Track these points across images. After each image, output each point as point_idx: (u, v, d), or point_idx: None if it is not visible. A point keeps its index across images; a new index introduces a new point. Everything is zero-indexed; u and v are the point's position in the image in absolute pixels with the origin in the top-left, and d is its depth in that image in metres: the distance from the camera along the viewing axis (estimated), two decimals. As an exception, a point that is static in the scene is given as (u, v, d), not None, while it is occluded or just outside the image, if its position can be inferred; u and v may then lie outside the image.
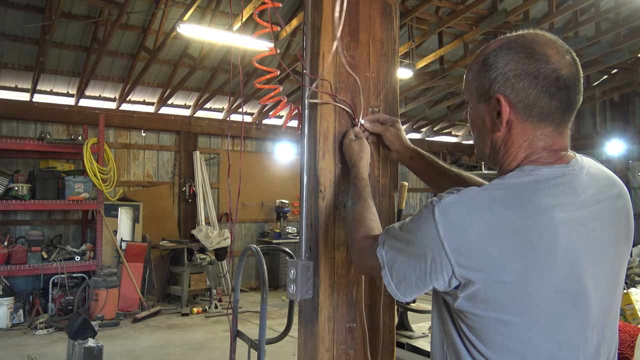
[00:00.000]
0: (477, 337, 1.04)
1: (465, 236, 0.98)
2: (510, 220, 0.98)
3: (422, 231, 1.04)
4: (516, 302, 0.98)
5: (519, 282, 0.97)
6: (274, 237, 9.73)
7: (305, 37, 1.62)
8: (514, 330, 1.00)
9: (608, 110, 11.77)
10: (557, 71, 1.06)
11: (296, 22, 7.13)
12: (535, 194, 1.00)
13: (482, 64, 1.12)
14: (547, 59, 1.06)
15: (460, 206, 1.00)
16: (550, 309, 0.99)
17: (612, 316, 1.11)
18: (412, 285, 1.08)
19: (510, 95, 1.07)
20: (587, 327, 1.04)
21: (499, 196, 1.00)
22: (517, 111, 1.08)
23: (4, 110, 7.72)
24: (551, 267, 0.98)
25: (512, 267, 0.97)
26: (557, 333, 1.01)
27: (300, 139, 1.64)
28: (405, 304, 3.26)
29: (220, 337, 6.41)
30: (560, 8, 7.33)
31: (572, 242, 1.00)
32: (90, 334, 4.25)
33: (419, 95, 10.56)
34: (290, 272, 1.55)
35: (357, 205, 1.40)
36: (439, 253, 1.01)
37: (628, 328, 3.33)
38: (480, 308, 1.01)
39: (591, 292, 1.02)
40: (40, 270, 7.14)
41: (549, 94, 1.06)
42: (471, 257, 0.98)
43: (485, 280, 0.98)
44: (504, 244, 0.97)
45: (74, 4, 6.95)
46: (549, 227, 0.98)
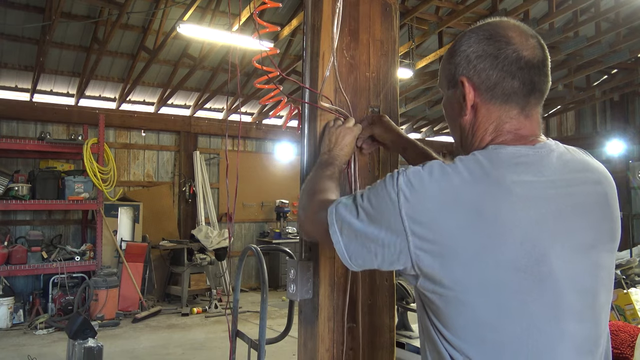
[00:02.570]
0: (441, 322, 1.02)
1: (423, 205, 0.98)
2: (469, 193, 0.97)
3: (382, 197, 1.03)
4: (471, 278, 0.96)
5: (473, 256, 0.95)
6: (274, 237, 9.73)
7: (305, 37, 1.62)
8: (473, 312, 0.97)
9: (608, 110, 11.77)
10: (518, 52, 1.05)
11: (296, 22, 7.13)
12: (495, 170, 0.99)
13: (449, 52, 1.15)
14: (507, 40, 1.06)
15: (422, 176, 1.00)
16: (512, 289, 0.96)
17: (598, 310, 1.06)
18: (363, 250, 1.05)
19: (473, 77, 1.09)
20: (561, 314, 0.99)
21: (460, 170, 1.00)
22: (480, 93, 1.09)
23: (4, 110, 7.72)
24: (507, 242, 0.95)
25: (467, 240, 0.95)
26: (523, 317, 0.97)
27: (300, 139, 1.64)
28: (405, 304, 3.26)
29: (220, 337, 6.41)
30: (560, 8, 7.33)
31: (533, 220, 0.97)
32: (90, 334, 4.25)
33: (419, 95, 10.56)
34: (290, 272, 1.55)
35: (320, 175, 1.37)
36: (395, 220, 0.99)
37: (628, 328, 3.33)
38: (438, 285, 0.99)
39: (561, 274, 0.98)
40: (40, 270, 7.14)
41: (510, 74, 1.05)
42: (427, 226, 0.97)
43: (440, 253, 0.96)
44: (460, 217, 0.96)
45: (74, 4, 6.95)
46: (506, 202, 0.96)
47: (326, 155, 1.48)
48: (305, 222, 1.27)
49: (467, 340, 0.99)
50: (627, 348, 3.07)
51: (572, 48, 7.96)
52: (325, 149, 1.49)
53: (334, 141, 1.49)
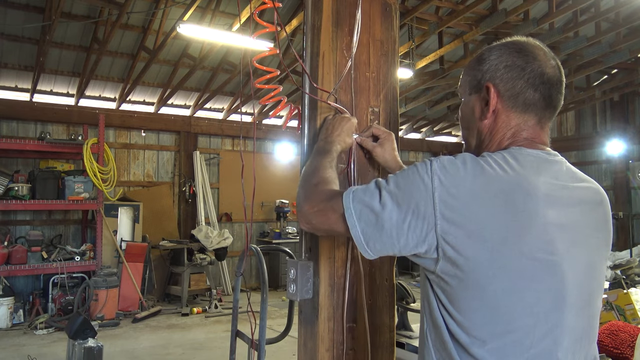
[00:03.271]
0: (454, 306, 1.06)
1: (457, 191, 1.03)
2: (499, 184, 1.04)
3: (414, 181, 1.07)
4: (494, 263, 1.01)
5: (499, 242, 1.01)
6: (274, 237, 9.73)
7: (305, 37, 1.62)
8: (490, 295, 1.02)
9: (608, 110, 11.77)
10: (542, 68, 1.16)
11: (296, 22, 7.13)
12: (522, 168, 1.07)
13: (477, 59, 1.24)
14: (534, 56, 1.17)
15: (457, 164, 1.07)
16: (529, 277, 1.02)
17: (592, 310, 1.13)
18: (382, 234, 1.07)
19: (499, 85, 1.17)
20: (565, 306, 1.06)
21: (491, 163, 1.07)
22: (503, 100, 1.17)
23: (4, 110, 7.72)
24: (530, 232, 1.02)
25: (495, 226, 1.01)
26: (534, 305, 1.03)
27: (300, 139, 1.64)
28: (405, 304, 3.26)
29: (220, 337, 6.41)
30: (560, 8, 7.32)
31: (552, 216, 1.05)
32: (90, 334, 4.25)
33: (419, 95, 10.56)
34: (290, 272, 1.55)
35: (320, 165, 1.35)
36: (425, 203, 1.04)
37: (628, 328, 3.33)
38: (459, 269, 1.03)
39: (568, 271, 1.05)
40: (40, 270, 7.14)
41: (533, 86, 1.16)
42: (458, 210, 1.02)
43: (468, 235, 1.02)
44: (490, 204, 1.02)
45: (74, 4, 6.95)
46: (532, 197, 1.04)
47: (322, 141, 1.46)
48: (309, 214, 1.21)
49: (479, 323, 1.04)
50: (627, 348, 3.07)
51: (572, 48, 7.96)
52: (322, 137, 1.49)
53: (330, 128, 1.49)
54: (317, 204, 1.20)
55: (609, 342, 3.22)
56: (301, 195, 1.26)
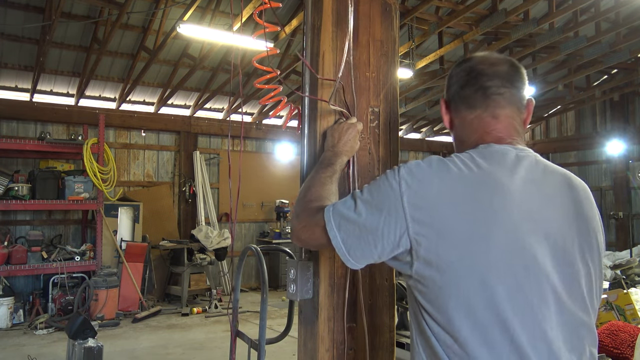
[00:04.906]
0: (433, 305, 1.08)
1: (424, 192, 1.08)
2: (465, 183, 1.08)
3: (384, 188, 1.12)
4: (465, 260, 1.04)
5: (468, 239, 1.04)
6: (274, 237, 9.73)
7: (305, 37, 1.62)
8: (465, 293, 1.04)
9: (608, 110, 11.76)
10: (472, 66, 1.25)
11: (296, 22, 7.13)
12: (488, 165, 1.11)
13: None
14: (469, 61, 1.27)
15: (422, 167, 1.12)
16: (501, 271, 1.03)
17: (580, 301, 1.11)
18: (361, 242, 1.11)
19: (446, 95, 1.30)
20: (544, 300, 1.06)
21: (457, 162, 1.11)
22: (451, 107, 1.29)
23: (4, 110, 7.72)
24: (498, 228, 1.04)
25: (462, 224, 1.04)
26: (511, 299, 1.03)
27: (300, 139, 1.64)
28: (405, 304, 3.26)
29: (220, 337, 6.41)
30: (560, 8, 7.32)
31: (520, 210, 1.07)
32: (90, 334, 4.25)
33: (419, 95, 10.56)
34: (290, 272, 1.55)
35: (317, 181, 1.38)
36: (396, 207, 1.08)
37: (628, 328, 3.33)
38: (434, 269, 1.05)
39: (541, 260, 1.06)
40: (40, 270, 7.14)
41: (470, 84, 1.23)
42: (427, 211, 1.06)
43: (437, 235, 1.05)
44: (456, 202, 1.06)
45: (74, 4, 6.95)
46: (498, 193, 1.07)
47: (330, 151, 1.48)
48: (298, 230, 1.27)
49: (458, 321, 1.04)
50: (627, 348, 3.07)
51: (572, 48, 7.96)
52: (329, 145, 1.50)
53: (337, 137, 1.50)
54: (303, 219, 1.25)
55: (609, 342, 3.22)
56: (294, 211, 1.31)
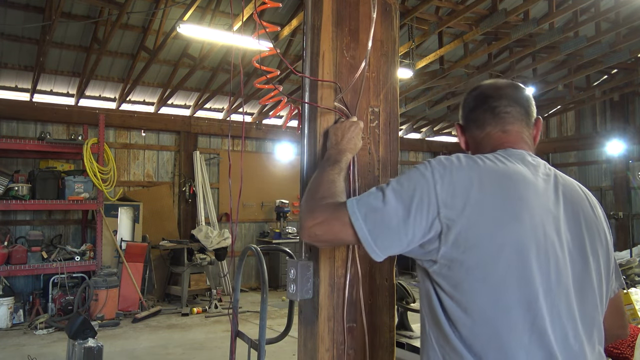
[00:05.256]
0: (457, 289, 1.13)
1: (455, 180, 1.15)
2: (490, 171, 1.17)
3: (415, 177, 1.17)
4: (494, 242, 1.10)
5: (497, 222, 1.11)
6: (274, 237, 9.73)
7: (305, 37, 1.62)
8: (493, 274, 1.10)
9: (608, 110, 11.76)
10: (479, 91, 1.38)
11: (296, 22, 7.12)
12: (511, 162, 1.22)
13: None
14: (476, 89, 1.39)
15: (452, 160, 1.19)
16: (525, 255, 1.11)
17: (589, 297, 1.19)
18: (389, 231, 1.14)
19: (460, 121, 1.42)
20: (559, 288, 1.13)
21: (483, 158, 1.21)
22: (464, 129, 1.40)
23: (4, 110, 7.72)
24: (522, 215, 1.13)
25: (491, 208, 1.12)
26: (534, 281, 1.11)
27: (300, 139, 1.64)
28: (405, 304, 3.26)
29: (220, 337, 6.41)
30: (560, 8, 7.32)
31: (542, 202, 1.17)
32: (90, 334, 4.25)
33: (419, 95, 10.56)
34: (290, 272, 1.55)
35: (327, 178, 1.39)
36: (428, 195, 1.14)
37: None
38: (461, 251, 1.11)
39: (558, 251, 1.15)
40: (40, 270, 7.14)
41: (479, 107, 1.35)
42: (459, 197, 1.12)
43: (469, 219, 1.11)
44: (485, 189, 1.14)
45: (74, 4, 6.95)
46: (521, 183, 1.17)
47: (334, 149, 1.48)
48: (312, 226, 1.25)
49: (484, 302, 1.10)
50: (627, 348, 3.07)
51: (572, 48, 7.96)
52: (332, 144, 1.50)
53: (340, 135, 1.50)
54: (319, 215, 1.25)
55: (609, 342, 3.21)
56: (304, 209, 1.29)
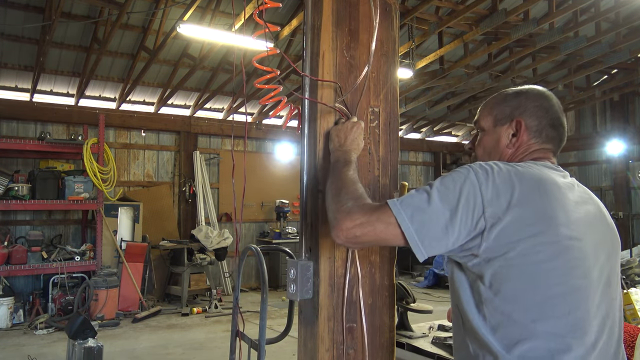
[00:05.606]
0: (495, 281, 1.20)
1: (498, 181, 1.22)
2: (528, 175, 1.25)
3: (459, 179, 1.23)
4: (535, 238, 1.18)
5: (538, 220, 1.19)
6: (274, 237, 9.73)
7: (305, 37, 1.62)
8: (532, 268, 1.18)
9: (608, 110, 11.76)
10: (558, 113, 1.44)
11: (296, 22, 7.13)
12: (542, 170, 1.30)
13: (505, 97, 1.46)
14: (553, 103, 1.44)
15: (491, 164, 1.26)
16: (562, 251, 1.19)
17: (613, 295, 1.31)
18: (437, 230, 1.20)
19: (527, 120, 1.41)
20: (591, 289, 1.22)
21: (517, 164, 1.30)
22: (529, 133, 1.41)
23: (4, 110, 7.72)
24: (560, 214, 1.21)
25: (533, 206, 1.20)
26: (569, 276, 1.19)
27: (300, 139, 1.64)
28: (405, 304, 3.26)
29: (220, 337, 6.41)
30: (560, 8, 7.32)
31: (571, 203, 1.26)
32: (90, 334, 4.25)
33: (419, 95, 10.56)
34: (290, 272, 1.55)
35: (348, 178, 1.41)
36: (474, 195, 1.20)
37: (628, 328, 3.33)
38: (505, 247, 1.18)
39: (589, 250, 1.24)
40: (40, 270, 7.14)
41: (554, 126, 1.42)
42: (502, 196, 1.20)
43: (512, 214, 1.18)
44: (526, 189, 1.21)
45: (74, 4, 6.95)
46: (555, 185, 1.26)
47: (339, 152, 1.48)
48: (352, 228, 1.24)
49: (521, 293, 1.18)
50: (627, 348, 3.07)
51: (572, 48, 7.96)
52: (336, 146, 1.50)
53: (343, 137, 1.50)
54: (359, 217, 1.25)
55: (609, 342, 3.21)
56: (336, 211, 1.30)
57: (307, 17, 1.61)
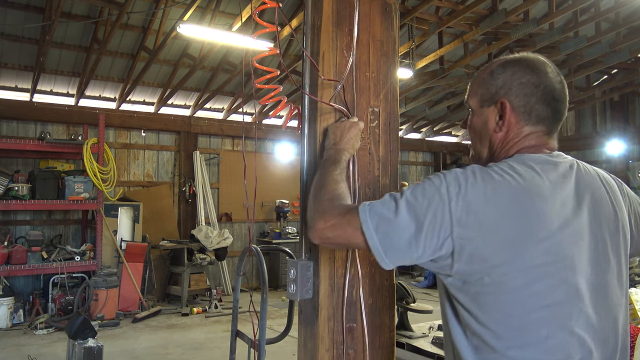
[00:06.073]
0: (473, 304, 1.13)
1: (471, 197, 1.11)
2: (506, 188, 1.12)
3: (429, 191, 1.14)
4: (509, 262, 1.09)
5: (512, 241, 1.09)
6: (274, 237, 9.73)
7: (305, 37, 1.62)
8: (507, 293, 1.10)
9: (608, 110, 11.77)
10: (552, 85, 1.25)
11: (296, 22, 7.12)
12: (526, 171, 1.16)
13: (490, 74, 1.30)
14: (545, 73, 1.25)
15: (467, 174, 1.15)
16: (541, 274, 1.10)
17: (611, 306, 1.19)
18: (400, 243, 1.13)
19: (513, 101, 1.25)
20: (579, 299, 1.12)
21: (497, 171, 1.16)
22: (517, 114, 1.25)
23: (4, 110, 7.72)
24: (539, 232, 1.10)
25: (507, 227, 1.10)
26: (548, 299, 1.10)
27: (300, 139, 1.64)
28: (405, 304, 3.26)
29: (220, 337, 6.41)
30: (560, 8, 7.32)
31: (557, 214, 1.13)
32: (90, 334, 4.25)
33: (419, 95, 10.56)
34: (290, 272, 1.55)
35: (331, 178, 1.38)
36: (442, 211, 1.11)
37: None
38: (477, 270, 1.10)
39: (580, 267, 1.14)
40: (40, 270, 7.14)
41: (545, 102, 1.24)
42: (473, 215, 1.10)
43: (484, 238, 1.09)
44: (501, 207, 1.11)
45: (74, 4, 6.95)
46: (538, 197, 1.13)
47: (332, 150, 1.47)
48: (324, 229, 1.24)
49: (497, 319, 1.11)
50: (627, 348, 3.06)
51: (572, 48, 7.96)
52: (331, 143, 1.49)
53: (339, 135, 1.50)
54: (331, 218, 1.23)
55: (609, 342, 3.22)
56: (313, 211, 1.29)
57: (307, 17, 1.61)
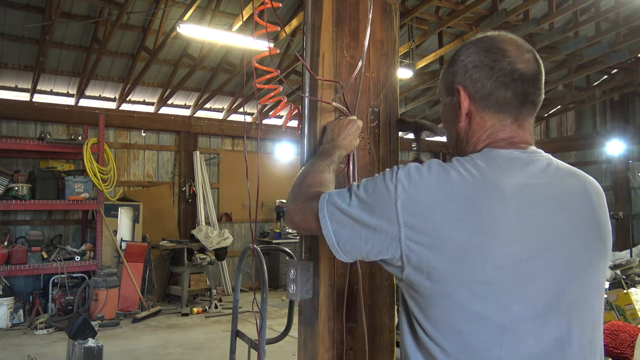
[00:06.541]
0: (422, 312, 1.04)
1: (420, 198, 1.01)
2: (464, 190, 1.00)
3: (379, 188, 1.06)
4: (457, 272, 0.98)
5: (462, 250, 0.97)
6: (274, 237, 9.73)
7: (305, 37, 1.62)
8: (454, 306, 0.99)
9: (608, 110, 11.76)
10: (513, 64, 1.09)
11: (296, 22, 7.12)
12: (490, 170, 1.03)
13: (450, 61, 1.19)
14: (503, 52, 1.10)
15: (422, 171, 1.03)
16: (494, 287, 0.98)
17: (584, 316, 1.05)
18: (352, 235, 1.08)
19: (469, 86, 1.12)
20: (540, 315, 1.00)
21: (457, 167, 1.03)
22: (475, 101, 1.12)
23: (4, 110, 7.72)
24: (496, 241, 0.98)
25: (457, 234, 0.97)
26: (500, 315, 0.98)
27: (300, 139, 1.64)
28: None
29: (220, 337, 6.41)
30: (560, 8, 7.32)
31: (523, 221, 1.00)
32: (90, 334, 4.25)
33: (419, 95, 10.56)
34: (290, 272, 1.55)
35: (316, 168, 1.38)
36: (389, 211, 1.02)
37: (628, 328, 3.34)
38: (425, 277, 1.00)
39: (541, 277, 1.00)
40: (40, 270, 7.14)
41: (504, 85, 1.09)
42: (421, 217, 1.00)
43: (430, 244, 0.99)
44: (453, 211, 0.98)
45: (74, 4, 6.95)
46: (499, 202, 0.99)
47: (328, 144, 1.47)
48: (293, 212, 1.26)
49: (445, 333, 1.01)
50: (627, 348, 3.07)
51: (572, 48, 7.96)
52: (328, 139, 1.50)
53: (336, 131, 1.50)
54: (300, 203, 1.24)
55: (609, 342, 3.23)
56: (290, 194, 1.32)
57: (307, 17, 1.61)
